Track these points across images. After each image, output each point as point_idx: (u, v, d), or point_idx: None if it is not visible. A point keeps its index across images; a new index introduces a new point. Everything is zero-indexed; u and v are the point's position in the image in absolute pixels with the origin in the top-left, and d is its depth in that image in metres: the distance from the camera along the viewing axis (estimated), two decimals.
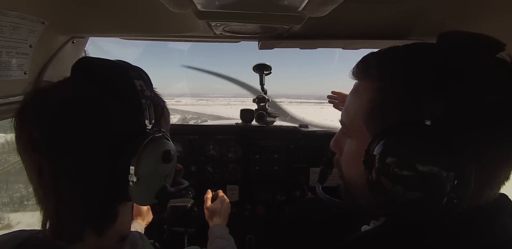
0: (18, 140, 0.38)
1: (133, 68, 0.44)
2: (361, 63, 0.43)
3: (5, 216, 3.13)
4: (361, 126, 0.40)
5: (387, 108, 0.37)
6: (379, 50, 0.42)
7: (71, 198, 0.38)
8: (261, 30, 0.90)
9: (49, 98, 0.38)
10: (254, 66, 1.51)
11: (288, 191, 1.56)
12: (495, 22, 0.72)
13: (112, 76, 0.42)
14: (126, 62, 0.46)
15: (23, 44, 0.73)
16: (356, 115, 0.41)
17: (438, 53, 0.37)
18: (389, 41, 0.98)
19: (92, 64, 0.42)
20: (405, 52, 0.40)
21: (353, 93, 0.45)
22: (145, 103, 0.41)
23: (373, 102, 0.39)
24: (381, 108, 0.38)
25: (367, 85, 0.41)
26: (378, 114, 0.38)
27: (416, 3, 0.75)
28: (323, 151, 1.58)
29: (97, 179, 0.39)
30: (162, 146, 0.43)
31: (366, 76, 0.42)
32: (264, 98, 1.52)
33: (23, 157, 0.38)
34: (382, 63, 0.40)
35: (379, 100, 0.38)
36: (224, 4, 0.65)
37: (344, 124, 0.47)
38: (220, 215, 1.05)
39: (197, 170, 1.53)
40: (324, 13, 0.65)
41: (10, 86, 0.78)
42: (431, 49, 0.39)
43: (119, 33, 0.99)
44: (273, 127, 1.58)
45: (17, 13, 0.65)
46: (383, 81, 0.39)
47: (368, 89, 0.40)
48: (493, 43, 0.37)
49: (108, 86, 0.40)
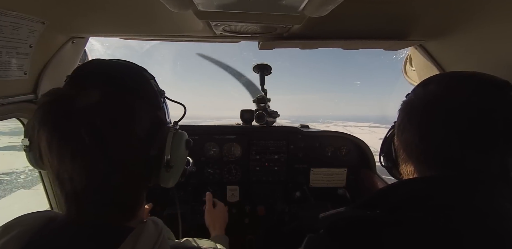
0: (61, 143, 0.40)
1: (143, 68, 0.51)
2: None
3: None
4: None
5: None
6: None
7: (112, 183, 0.43)
8: (261, 30, 0.90)
9: (83, 105, 0.40)
10: (254, 67, 1.51)
11: (288, 191, 1.56)
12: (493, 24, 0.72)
13: (131, 78, 0.48)
14: (132, 62, 0.51)
15: (23, 44, 0.73)
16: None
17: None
18: (389, 41, 0.98)
19: (109, 66, 0.48)
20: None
21: None
22: (162, 101, 0.51)
23: None
24: None
25: None
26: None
27: (416, 3, 0.75)
28: (324, 152, 1.58)
29: (134, 166, 0.44)
30: (183, 135, 0.52)
31: None
32: (264, 98, 1.51)
33: (64, 153, 0.40)
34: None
35: None
36: (224, 4, 0.65)
37: None
38: (222, 222, 1.05)
39: (197, 170, 1.52)
40: (324, 13, 0.65)
41: (10, 86, 0.78)
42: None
43: (119, 33, 0.99)
44: (273, 127, 1.58)
45: (17, 13, 0.65)
46: None
47: None
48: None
49: (130, 87, 0.46)
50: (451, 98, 0.46)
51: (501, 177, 0.43)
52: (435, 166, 0.48)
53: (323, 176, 1.58)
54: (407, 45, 1.05)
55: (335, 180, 1.58)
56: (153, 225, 0.44)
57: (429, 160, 0.48)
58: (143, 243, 0.39)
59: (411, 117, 0.51)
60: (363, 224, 0.42)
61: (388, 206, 0.44)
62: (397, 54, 1.28)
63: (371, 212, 0.44)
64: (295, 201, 1.52)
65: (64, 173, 0.41)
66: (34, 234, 0.41)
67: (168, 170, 0.48)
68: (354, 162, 1.59)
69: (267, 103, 1.52)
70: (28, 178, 4.45)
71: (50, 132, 0.40)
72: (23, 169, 4.79)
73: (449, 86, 0.49)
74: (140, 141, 0.44)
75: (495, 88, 0.45)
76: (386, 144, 0.61)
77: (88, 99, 0.40)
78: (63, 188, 0.42)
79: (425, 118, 0.49)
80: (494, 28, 0.73)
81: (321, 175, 1.58)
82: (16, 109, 0.83)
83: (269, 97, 1.52)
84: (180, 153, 0.50)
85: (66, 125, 0.40)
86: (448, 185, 0.44)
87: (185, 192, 1.49)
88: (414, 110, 0.51)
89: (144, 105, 0.46)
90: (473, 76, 0.48)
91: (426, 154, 0.49)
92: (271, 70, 1.51)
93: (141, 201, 0.49)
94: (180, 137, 0.50)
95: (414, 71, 1.19)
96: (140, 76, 0.50)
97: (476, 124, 0.43)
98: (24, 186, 4.12)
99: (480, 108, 0.44)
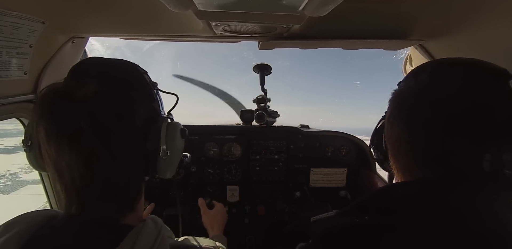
0: (60, 132, 0.41)
1: (136, 64, 0.53)
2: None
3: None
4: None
5: None
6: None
7: (111, 172, 0.43)
8: (261, 30, 0.90)
9: (81, 96, 0.41)
10: (254, 66, 1.51)
11: (288, 191, 1.56)
12: (493, 24, 0.72)
13: (125, 71, 0.50)
14: (124, 59, 0.52)
15: (23, 44, 0.73)
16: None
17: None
18: (389, 41, 0.98)
19: (104, 61, 0.50)
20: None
21: None
22: (155, 93, 0.52)
23: None
24: None
25: None
26: None
27: (416, 3, 0.75)
28: (324, 151, 1.58)
29: (132, 155, 0.45)
30: (178, 125, 0.53)
31: None
32: (264, 98, 1.51)
33: (66, 147, 0.40)
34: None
35: None
36: (224, 4, 0.65)
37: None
38: (220, 223, 1.04)
39: (197, 170, 1.52)
40: (324, 13, 0.65)
41: (10, 86, 0.78)
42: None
43: (119, 33, 0.99)
44: (273, 127, 1.58)
45: (17, 13, 0.65)
46: None
47: None
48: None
49: (126, 79, 0.48)
50: (442, 89, 0.43)
51: (492, 175, 0.40)
52: (424, 164, 0.45)
53: (323, 176, 1.58)
54: (407, 45, 1.05)
55: (335, 180, 1.58)
56: (152, 224, 0.44)
57: (419, 156, 0.46)
58: (142, 241, 0.39)
59: (401, 110, 0.48)
60: (357, 231, 0.40)
61: (377, 211, 0.43)
62: (397, 54, 1.28)
63: (359, 219, 0.42)
64: (295, 201, 1.52)
65: (62, 162, 0.41)
66: (35, 232, 0.41)
67: (165, 159, 0.49)
68: (354, 162, 1.59)
69: (267, 103, 1.53)
70: (8, 183, 4.37)
71: (48, 121, 0.41)
72: (4, 173, 4.71)
73: (441, 76, 0.46)
74: (137, 130, 0.45)
75: (492, 76, 0.42)
76: (377, 135, 0.58)
77: (85, 90, 0.41)
78: (62, 179, 0.42)
79: (415, 112, 0.46)
80: (494, 28, 0.73)
81: (321, 175, 1.58)
82: (16, 109, 0.83)
83: (269, 97, 1.53)
84: (176, 142, 0.51)
85: (64, 114, 0.40)
86: (429, 189, 0.42)
87: (185, 192, 1.49)
88: (404, 103, 0.48)
89: (139, 96, 0.47)
90: (469, 64, 0.46)
91: (416, 150, 0.46)
92: (271, 70, 1.51)
93: (140, 194, 0.50)
94: (175, 127, 0.52)
95: None
96: (133, 70, 0.51)
97: (470, 116, 0.41)
98: (3, 191, 4.05)
99: (474, 99, 0.41)
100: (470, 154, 0.41)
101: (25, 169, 4.97)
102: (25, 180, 4.55)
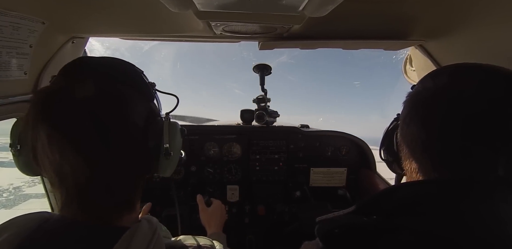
0: (64, 135, 0.40)
1: (132, 64, 0.52)
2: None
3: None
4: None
5: None
6: None
7: (115, 173, 0.43)
8: (261, 30, 0.90)
9: (81, 95, 0.40)
10: (254, 67, 1.51)
11: (288, 191, 1.56)
12: (493, 24, 0.72)
13: (122, 70, 0.49)
14: (119, 58, 0.51)
15: (23, 44, 0.73)
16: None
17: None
18: (389, 41, 0.98)
19: (99, 61, 0.49)
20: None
21: None
22: (153, 92, 0.53)
23: None
24: None
25: None
26: None
27: (416, 3, 0.75)
28: (324, 151, 1.58)
29: (135, 155, 0.45)
30: (177, 125, 0.54)
31: None
32: (264, 98, 1.51)
33: (65, 145, 0.39)
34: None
35: None
36: (224, 4, 0.65)
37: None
38: (218, 220, 1.04)
39: (197, 170, 1.53)
40: (324, 13, 0.65)
41: (10, 86, 0.78)
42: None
43: (119, 33, 0.99)
44: (273, 127, 1.58)
45: (17, 13, 0.65)
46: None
47: None
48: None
49: (124, 79, 0.47)
50: (460, 89, 0.43)
51: (503, 179, 0.40)
52: (439, 165, 0.45)
53: (323, 175, 1.58)
54: (407, 45, 1.05)
55: (335, 179, 1.59)
56: (147, 224, 0.44)
57: (434, 157, 0.45)
58: (137, 243, 0.39)
59: (418, 109, 0.48)
60: (358, 231, 0.40)
61: (384, 211, 0.43)
62: (397, 54, 1.28)
63: (368, 218, 0.42)
64: (295, 201, 1.52)
65: (65, 166, 0.40)
66: (26, 237, 0.39)
67: (168, 158, 0.50)
68: (354, 162, 1.59)
69: (267, 103, 1.53)
70: (11, 197, 4.29)
71: (50, 124, 0.39)
72: (7, 187, 4.64)
73: (459, 77, 0.45)
74: (139, 130, 0.45)
75: (508, 79, 0.41)
76: (387, 136, 0.58)
77: (86, 90, 0.40)
78: (64, 183, 0.41)
79: (433, 111, 0.45)
80: (494, 28, 0.73)
81: (321, 175, 1.58)
82: (16, 109, 0.83)
83: (269, 97, 1.53)
84: (177, 141, 0.53)
85: (66, 116, 0.39)
86: (438, 191, 0.42)
87: (185, 192, 1.49)
88: (421, 102, 0.48)
89: (139, 96, 0.47)
90: (487, 67, 0.45)
91: (431, 151, 0.45)
92: (271, 70, 1.51)
93: (139, 194, 0.50)
94: (175, 126, 0.53)
95: (414, 71, 1.19)
96: (131, 69, 0.51)
97: (489, 118, 0.40)
98: (5, 206, 3.98)
99: (492, 101, 0.40)
100: (486, 157, 0.41)
101: (29, 182, 4.85)
102: (28, 194, 4.47)
